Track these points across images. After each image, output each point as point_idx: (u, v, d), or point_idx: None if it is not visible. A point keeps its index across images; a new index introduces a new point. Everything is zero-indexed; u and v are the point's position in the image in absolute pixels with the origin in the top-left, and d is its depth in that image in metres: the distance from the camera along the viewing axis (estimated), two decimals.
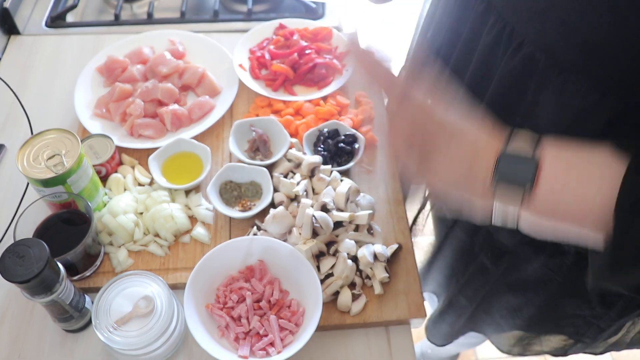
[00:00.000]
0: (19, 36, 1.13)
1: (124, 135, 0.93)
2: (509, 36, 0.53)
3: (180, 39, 1.07)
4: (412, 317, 0.75)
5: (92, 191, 0.79)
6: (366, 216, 0.77)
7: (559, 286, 0.70)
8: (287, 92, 1.00)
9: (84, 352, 0.73)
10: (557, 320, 0.78)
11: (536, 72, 0.52)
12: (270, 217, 0.77)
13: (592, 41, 0.45)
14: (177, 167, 0.88)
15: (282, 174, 0.85)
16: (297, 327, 0.71)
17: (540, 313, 0.77)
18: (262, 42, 1.08)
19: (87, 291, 0.77)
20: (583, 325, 0.75)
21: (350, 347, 0.74)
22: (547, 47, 0.50)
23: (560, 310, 0.75)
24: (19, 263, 0.60)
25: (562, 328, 0.80)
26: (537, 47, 0.50)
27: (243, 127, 0.91)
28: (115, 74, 1.00)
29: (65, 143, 0.74)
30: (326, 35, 1.07)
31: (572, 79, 0.49)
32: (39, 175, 0.71)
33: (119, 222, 0.79)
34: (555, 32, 0.48)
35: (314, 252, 0.75)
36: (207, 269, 0.73)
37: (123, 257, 0.78)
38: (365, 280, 0.77)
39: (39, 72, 1.06)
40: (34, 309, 0.76)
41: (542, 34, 0.50)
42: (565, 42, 0.48)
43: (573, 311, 0.73)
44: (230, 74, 1.02)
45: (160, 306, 0.67)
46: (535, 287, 0.74)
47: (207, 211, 0.84)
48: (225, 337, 0.71)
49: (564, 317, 0.76)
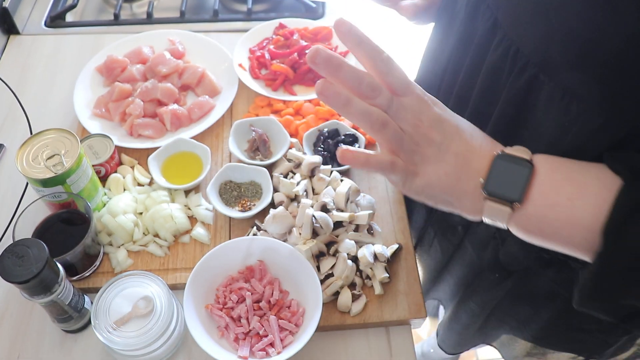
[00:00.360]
0: (18, 36, 1.13)
1: (124, 135, 0.93)
2: (514, 56, 0.53)
3: (180, 38, 1.07)
4: (412, 318, 0.75)
5: (92, 191, 0.78)
6: (366, 216, 0.77)
7: (566, 301, 0.69)
8: (287, 91, 1.00)
9: (83, 352, 0.73)
10: (566, 334, 0.77)
11: (541, 94, 0.51)
12: (270, 217, 0.77)
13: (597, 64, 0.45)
14: (176, 167, 0.88)
15: (282, 174, 0.85)
16: (297, 327, 0.70)
17: (549, 326, 0.77)
18: (262, 42, 1.07)
19: (86, 291, 0.76)
20: (591, 340, 0.75)
21: (351, 347, 0.74)
22: (551, 70, 0.49)
23: (568, 324, 0.74)
24: (18, 263, 0.60)
25: (571, 344, 0.79)
26: (541, 69, 0.50)
27: (243, 127, 0.91)
28: (114, 74, 1.00)
29: (65, 143, 0.74)
30: (326, 35, 1.07)
31: (576, 102, 0.48)
32: (38, 175, 0.71)
33: (118, 222, 0.78)
34: (558, 54, 0.48)
35: (314, 252, 0.75)
36: (206, 269, 0.72)
37: (122, 258, 0.78)
38: (365, 280, 0.77)
39: (38, 71, 1.06)
40: (33, 310, 0.76)
41: (546, 56, 0.49)
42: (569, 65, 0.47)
43: (581, 325, 0.73)
44: (230, 74, 1.01)
45: (159, 306, 0.67)
46: (544, 301, 0.73)
47: (206, 211, 0.83)
48: (225, 338, 0.70)
49: (572, 331, 0.75)
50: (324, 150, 0.88)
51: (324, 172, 0.83)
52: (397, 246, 0.80)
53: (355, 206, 0.81)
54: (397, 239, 0.83)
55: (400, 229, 0.84)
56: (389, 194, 0.88)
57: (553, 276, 0.68)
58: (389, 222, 0.84)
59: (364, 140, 0.89)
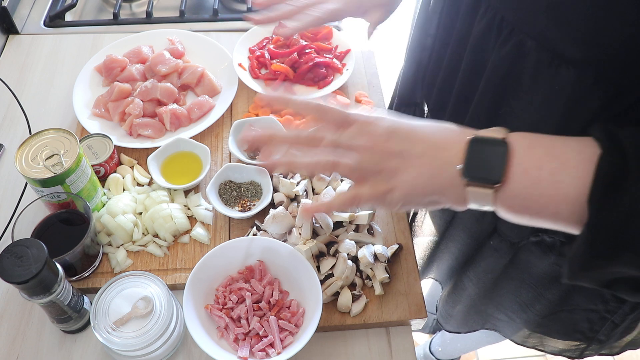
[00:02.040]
0: (18, 35, 1.13)
1: (123, 135, 0.93)
2: (499, 25, 0.54)
3: (179, 38, 1.07)
4: (412, 318, 0.75)
5: (91, 191, 0.78)
6: (366, 216, 0.77)
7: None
8: (287, 91, 0.99)
9: (83, 353, 0.73)
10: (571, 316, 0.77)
11: (528, 60, 0.52)
12: (270, 218, 0.77)
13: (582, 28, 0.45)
14: (176, 167, 0.88)
15: (282, 174, 0.85)
16: (297, 328, 0.70)
17: (552, 308, 0.77)
18: (262, 41, 1.07)
19: (85, 292, 0.76)
20: (598, 321, 0.75)
21: (351, 348, 0.74)
22: (537, 34, 0.50)
23: (574, 305, 0.74)
24: (17, 263, 0.59)
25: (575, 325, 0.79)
26: (527, 34, 0.51)
27: (243, 127, 0.91)
28: (114, 74, 0.99)
29: (64, 143, 0.74)
30: (326, 34, 1.07)
31: (563, 66, 0.49)
32: (38, 175, 0.70)
33: (117, 222, 0.78)
34: (543, 17, 0.48)
35: (314, 253, 0.75)
36: (206, 269, 0.72)
37: (122, 258, 0.78)
38: (365, 280, 0.77)
39: (37, 71, 1.06)
40: (32, 310, 0.76)
41: (531, 21, 0.50)
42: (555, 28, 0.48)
43: (586, 305, 0.73)
44: (230, 74, 1.01)
45: (159, 307, 0.67)
46: (547, 283, 0.73)
47: (206, 211, 0.83)
48: (225, 338, 0.70)
49: (577, 312, 0.75)
50: None
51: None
52: (397, 246, 0.80)
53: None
54: (398, 239, 0.82)
55: (400, 229, 0.83)
56: None
57: (556, 259, 0.68)
58: (389, 222, 0.84)
59: None
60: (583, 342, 0.82)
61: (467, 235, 0.79)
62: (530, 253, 0.70)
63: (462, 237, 0.81)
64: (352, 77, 1.03)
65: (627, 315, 0.72)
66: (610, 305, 0.71)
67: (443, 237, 0.87)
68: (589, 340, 0.80)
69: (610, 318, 0.73)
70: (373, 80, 1.04)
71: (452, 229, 0.83)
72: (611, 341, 0.78)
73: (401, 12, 0.85)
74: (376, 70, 1.06)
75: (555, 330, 0.84)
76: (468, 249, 0.81)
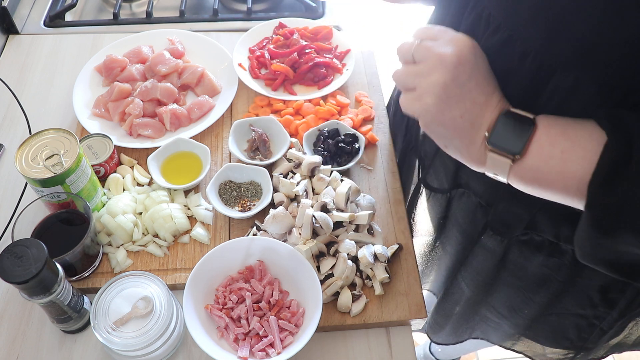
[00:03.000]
0: (18, 35, 1.13)
1: (123, 135, 0.93)
2: (487, 19, 0.55)
3: (179, 38, 1.07)
4: (412, 318, 0.75)
5: (91, 191, 0.78)
6: (366, 216, 0.77)
7: (559, 285, 0.70)
8: (287, 91, 0.99)
9: (83, 353, 0.73)
10: (560, 320, 0.77)
11: (513, 54, 0.53)
12: (270, 218, 0.76)
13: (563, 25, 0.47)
14: (176, 167, 0.88)
15: (282, 174, 0.85)
16: (297, 327, 0.70)
17: (542, 311, 0.77)
18: (262, 41, 1.07)
19: (85, 292, 0.76)
20: (586, 327, 0.75)
21: (351, 347, 0.74)
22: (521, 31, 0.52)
23: (562, 309, 0.74)
24: (17, 263, 0.59)
25: (564, 332, 0.79)
26: (513, 30, 0.52)
27: (242, 127, 0.91)
28: (114, 74, 0.99)
29: (64, 143, 0.74)
30: (326, 34, 1.07)
31: (546, 62, 0.50)
32: (38, 175, 0.70)
33: (117, 222, 0.78)
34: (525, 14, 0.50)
35: (314, 253, 0.75)
36: (206, 269, 0.72)
37: (122, 258, 0.78)
38: (365, 280, 0.77)
39: (37, 71, 1.06)
40: (32, 310, 0.76)
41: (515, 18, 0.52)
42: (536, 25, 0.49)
43: (575, 310, 0.73)
44: (230, 74, 1.01)
45: (159, 307, 0.67)
46: (536, 287, 0.74)
47: (206, 211, 0.83)
48: (225, 338, 0.70)
49: (566, 316, 0.75)
50: (324, 150, 0.88)
51: (324, 172, 0.83)
52: (397, 246, 0.80)
53: (355, 206, 0.81)
54: (397, 239, 0.82)
55: (400, 229, 0.83)
56: (389, 194, 0.87)
57: (544, 260, 0.68)
58: (389, 222, 0.84)
59: (364, 140, 0.89)
60: (571, 350, 0.82)
61: (460, 233, 0.79)
62: (519, 253, 0.71)
63: (456, 236, 0.81)
64: (352, 77, 1.03)
65: (615, 322, 0.72)
66: (599, 311, 0.71)
67: (439, 236, 0.87)
68: (577, 349, 0.81)
69: (599, 325, 0.73)
70: (373, 80, 1.04)
71: (446, 229, 0.83)
72: (598, 348, 0.79)
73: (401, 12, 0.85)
74: (376, 70, 1.06)
75: (543, 336, 0.84)
76: (461, 248, 0.82)
